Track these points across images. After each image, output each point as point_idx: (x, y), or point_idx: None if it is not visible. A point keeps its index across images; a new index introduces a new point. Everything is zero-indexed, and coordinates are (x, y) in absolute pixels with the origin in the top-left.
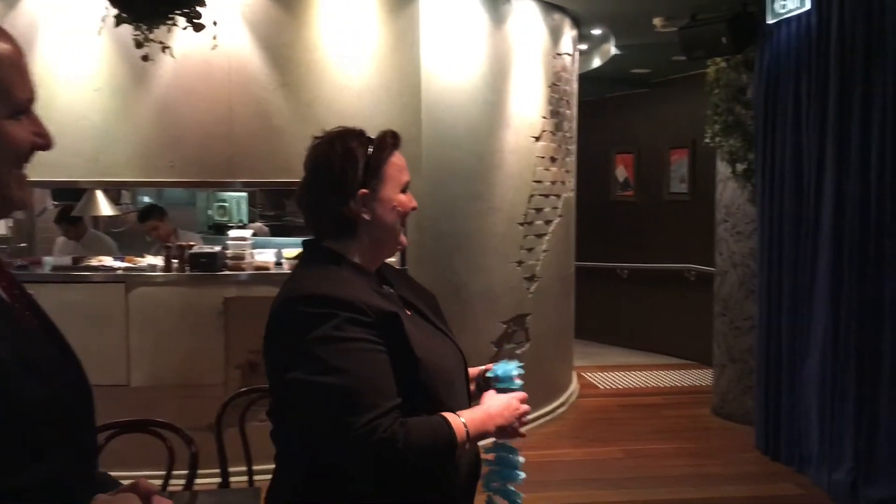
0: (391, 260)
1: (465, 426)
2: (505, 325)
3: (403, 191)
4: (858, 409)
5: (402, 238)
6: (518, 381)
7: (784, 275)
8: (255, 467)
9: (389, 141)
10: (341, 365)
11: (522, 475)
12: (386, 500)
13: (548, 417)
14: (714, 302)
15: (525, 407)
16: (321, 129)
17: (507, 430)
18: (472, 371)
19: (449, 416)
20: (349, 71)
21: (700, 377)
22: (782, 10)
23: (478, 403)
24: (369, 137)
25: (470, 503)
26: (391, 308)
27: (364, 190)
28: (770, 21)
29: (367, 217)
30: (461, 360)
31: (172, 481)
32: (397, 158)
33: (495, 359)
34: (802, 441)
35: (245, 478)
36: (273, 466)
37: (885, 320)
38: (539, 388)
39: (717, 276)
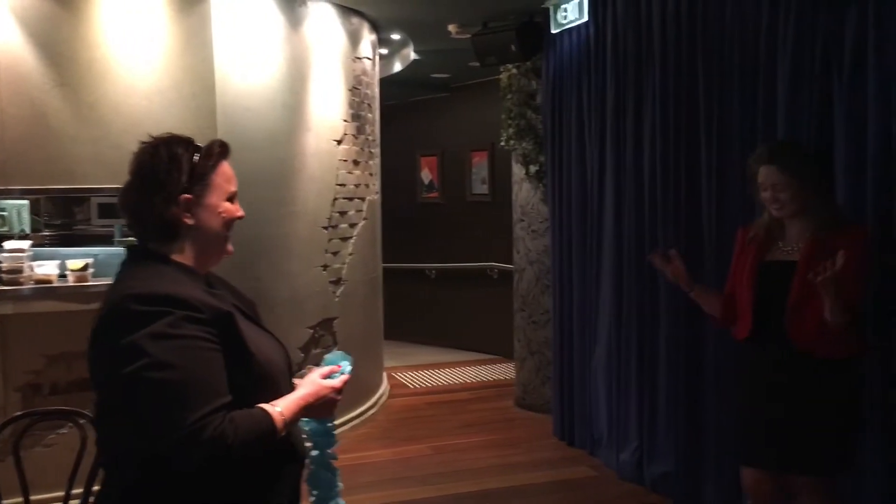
0: None
1: (281, 413)
2: (312, 330)
3: (230, 200)
4: (640, 395)
5: (229, 246)
6: (347, 367)
7: (574, 271)
8: (33, 497)
9: (216, 150)
10: (172, 361)
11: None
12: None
13: (358, 420)
14: (514, 298)
15: (337, 382)
16: (107, 133)
17: (321, 408)
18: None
19: (265, 405)
20: (136, 71)
21: (504, 371)
22: (564, 21)
23: None
24: (197, 145)
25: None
26: (225, 307)
27: (187, 195)
28: (554, 31)
29: (190, 222)
30: (287, 359)
31: None
32: (225, 168)
33: (302, 366)
34: (594, 426)
35: None
36: (52, 495)
37: (661, 313)
38: (349, 391)
39: (516, 273)
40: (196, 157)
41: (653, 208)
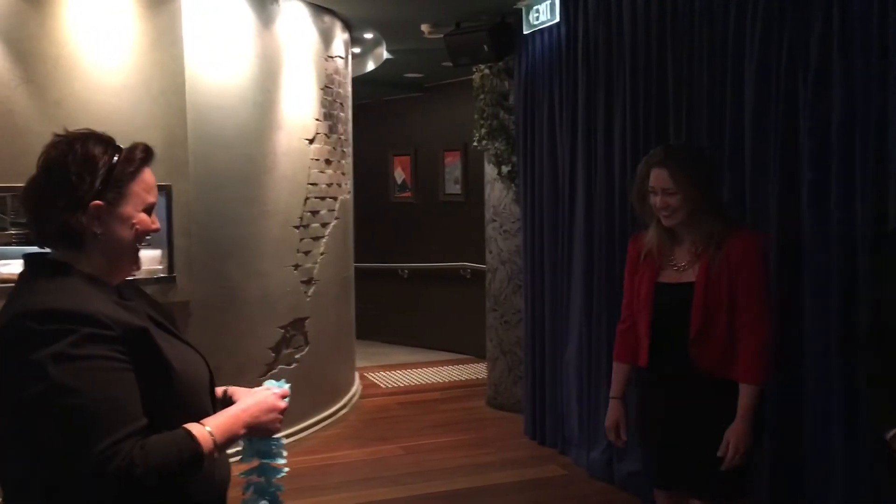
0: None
1: (211, 434)
2: (283, 330)
3: (147, 212)
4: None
5: (139, 260)
6: (285, 384)
7: (545, 270)
8: None
9: (139, 155)
10: (77, 386)
11: (285, 469)
12: None
13: (329, 420)
14: (486, 298)
15: (282, 403)
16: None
17: (260, 429)
18: (219, 391)
19: (192, 426)
20: (104, 68)
21: (476, 371)
22: (536, 22)
23: None
24: (118, 146)
25: None
26: (139, 322)
27: (98, 202)
28: (526, 32)
29: (97, 231)
30: (208, 371)
31: None
32: (147, 176)
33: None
34: (565, 425)
35: None
36: None
37: None
38: (320, 391)
39: (489, 272)
40: (115, 160)
41: (623, 204)
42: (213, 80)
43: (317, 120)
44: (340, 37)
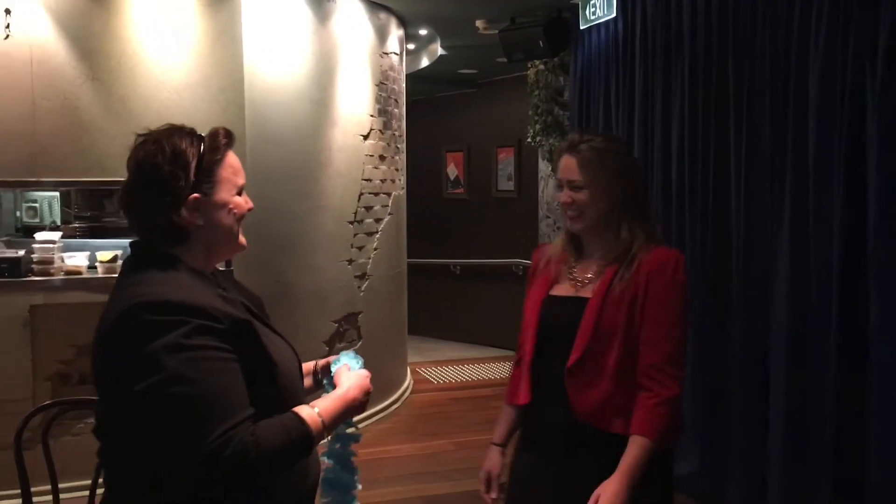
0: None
1: (320, 415)
2: (336, 324)
3: (238, 194)
4: None
5: (242, 239)
6: (361, 366)
7: None
8: (61, 485)
9: (223, 140)
10: (191, 375)
11: (359, 436)
12: None
13: (382, 414)
14: None
15: (370, 384)
16: (137, 126)
17: (356, 408)
18: (306, 367)
19: (301, 408)
20: (166, 65)
21: None
22: (592, 17)
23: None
24: (200, 136)
25: None
26: (243, 315)
27: (196, 195)
28: (582, 27)
29: (199, 223)
30: (297, 359)
31: None
32: (232, 159)
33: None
34: None
35: (49, 497)
36: (80, 483)
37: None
38: (372, 385)
39: None
40: (202, 150)
41: (680, 207)
42: (270, 77)
43: (371, 116)
44: (395, 33)
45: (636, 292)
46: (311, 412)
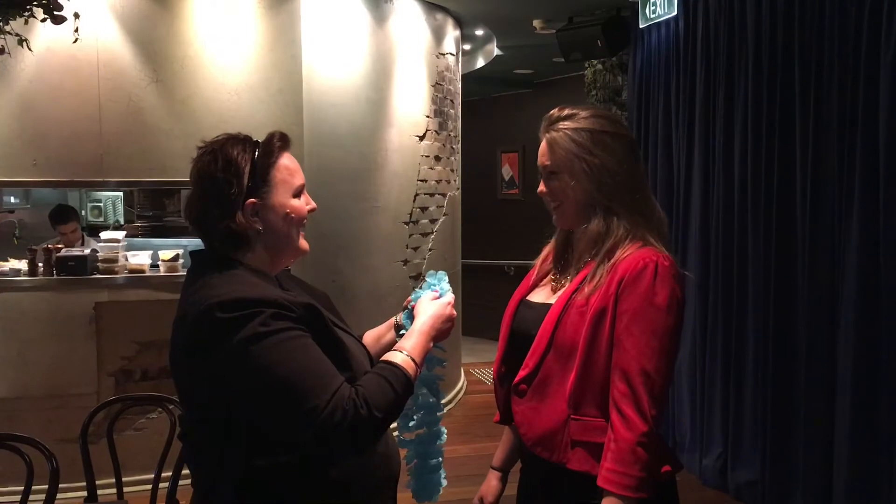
0: None
1: (410, 356)
2: None
3: (297, 195)
4: (725, 400)
5: (303, 243)
6: (447, 287)
7: None
8: (125, 479)
9: (277, 144)
10: (279, 358)
11: (445, 360)
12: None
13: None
14: None
15: (454, 311)
16: (198, 128)
17: (440, 337)
18: (387, 325)
19: (391, 355)
20: (227, 67)
21: None
22: (653, 16)
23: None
24: (255, 142)
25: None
26: (308, 300)
27: (252, 200)
28: (642, 25)
29: (258, 227)
30: (367, 353)
31: (33, 496)
32: (287, 161)
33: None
34: (675, 429)
35: (113, 490)
36: (142, 477)
37: (748, 321)
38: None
39: None
40: (255, 156)
41: (742, 215)
42: (328, 78)
43: (427, 117)
44: (452, 34)
45: (607, 301)
46: (402, 356)
